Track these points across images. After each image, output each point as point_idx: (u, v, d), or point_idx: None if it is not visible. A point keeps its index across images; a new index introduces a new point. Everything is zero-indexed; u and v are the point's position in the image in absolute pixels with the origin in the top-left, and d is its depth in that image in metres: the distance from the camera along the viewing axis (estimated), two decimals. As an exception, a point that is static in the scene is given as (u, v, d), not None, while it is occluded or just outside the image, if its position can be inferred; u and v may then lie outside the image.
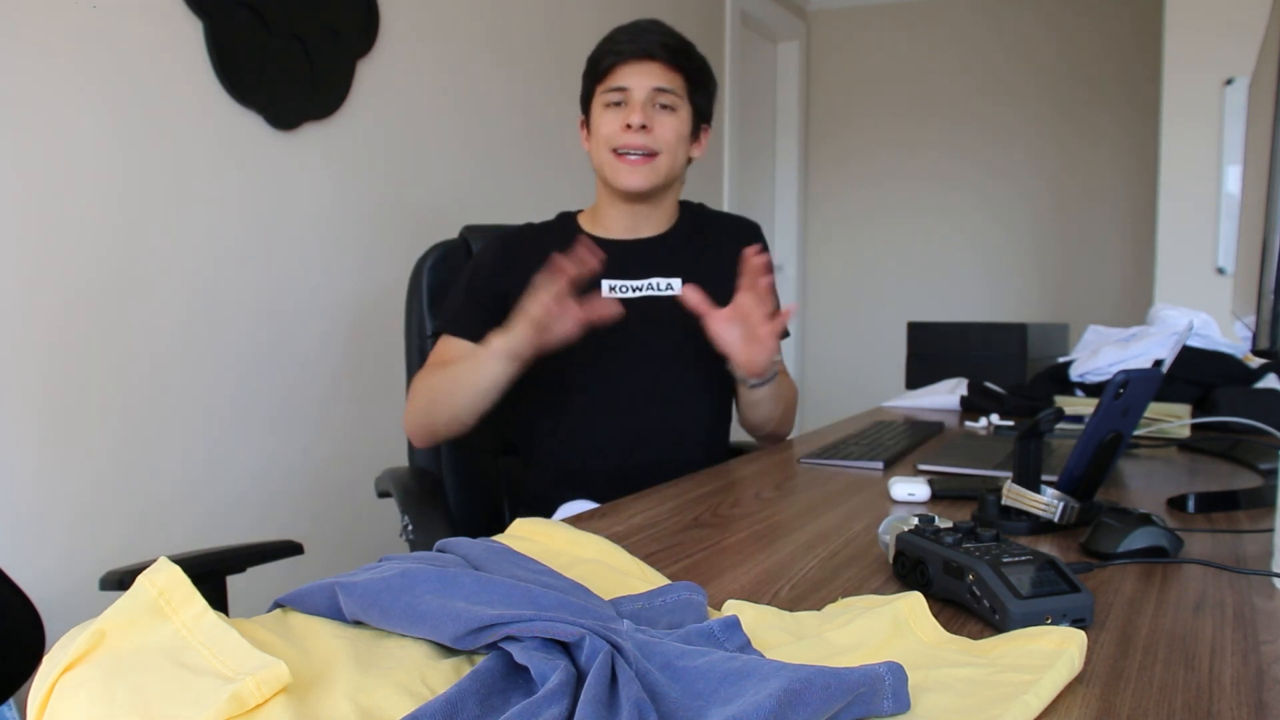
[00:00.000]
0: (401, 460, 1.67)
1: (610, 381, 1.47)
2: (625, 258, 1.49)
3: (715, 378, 1.54)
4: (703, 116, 1.52)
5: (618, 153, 1.44)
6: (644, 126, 1.42)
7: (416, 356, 1.62)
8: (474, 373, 1.35)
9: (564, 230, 1.54)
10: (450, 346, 1.46)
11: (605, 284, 1.47)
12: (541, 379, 1.47)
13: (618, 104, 1.45)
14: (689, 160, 1.52)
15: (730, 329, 1.34)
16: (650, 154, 1.44)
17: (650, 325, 1.47)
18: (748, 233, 1.60)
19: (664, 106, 1.45)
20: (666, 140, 1.45)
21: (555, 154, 2.93)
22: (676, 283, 1.50)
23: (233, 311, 1.96)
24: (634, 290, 1.49)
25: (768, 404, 1.47)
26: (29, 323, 1.62)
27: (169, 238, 1.83)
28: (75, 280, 1.68)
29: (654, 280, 1.50)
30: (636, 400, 1.47)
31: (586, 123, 1.52)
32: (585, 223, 1.56)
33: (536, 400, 1.50)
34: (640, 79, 1.43)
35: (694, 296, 1.34)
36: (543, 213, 1.66)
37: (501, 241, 1.53)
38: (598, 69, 1.47)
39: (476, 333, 1.42)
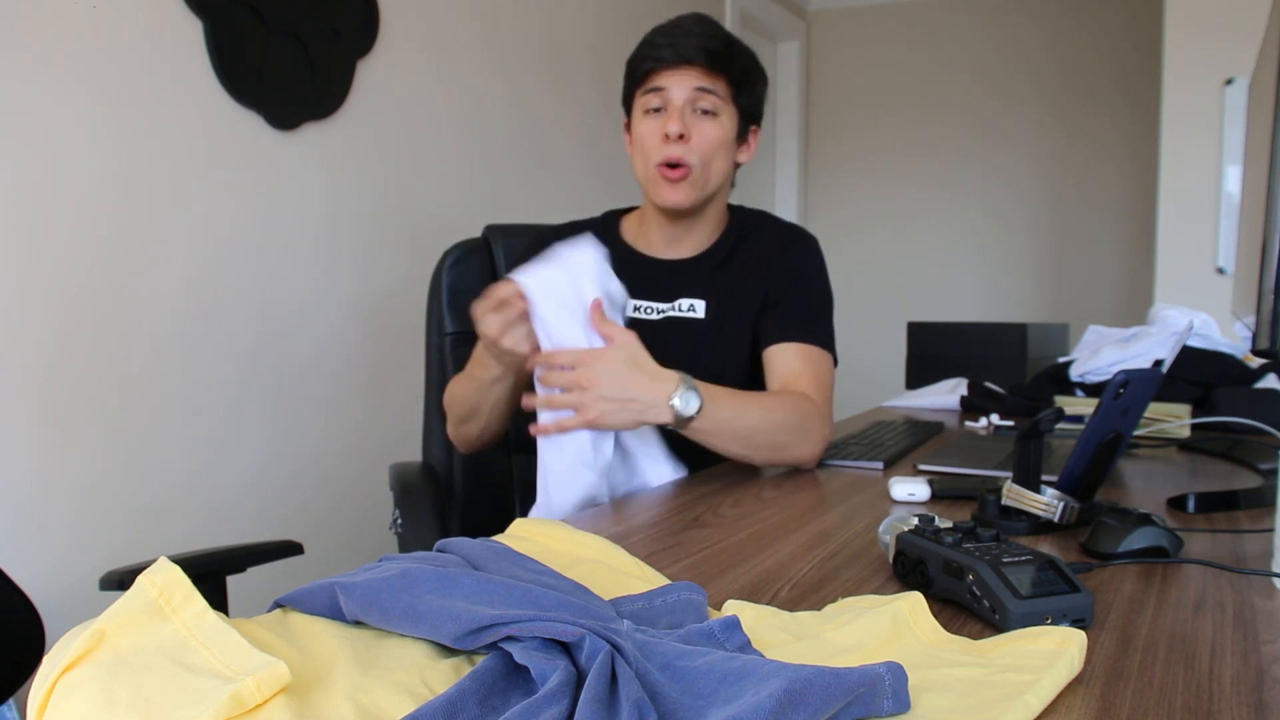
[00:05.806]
0: (406, 457, 1.67)
1: None
2: (658, 278, 1.46)
3: None
4: (750, 118, 1.43)
5: (657, 166, 1.38)
6: (681, 136, 1.35)
7: (436, 356, 1.62)
8: (477, 393, 1.34)
9: (605, 235, 1.46)
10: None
11: (630, 303, 1.42)
12: None
13: (657, 109, 1.38)
14: (736, 165, 1.45)
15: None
16: (688, 168, 1.37)
17: (673, 349, 1.40)
18: (792, 247, 1.48)
19: (705, 111, 1.36)
20: (704, 151, 1.37)
21: (554, 155, 2.93)
22: (700, 304, 1.45)
23: (233, 311, 1.96)
24: (659, 313, 1.45)
25: (712, 440, 1.23)
26: (28, 322, 1.62)
27: (168, 237, 1.83)
28: (74, 279, 1.68)
29: (679, 302, 1.45)
30: None
31: (629, 126, 1.45)
32: (629, 231, 1.50)
33: None
34: (678, 82, 1.36)
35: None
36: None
37: (538, 242, 1.47)
38: (636, 73, 1.40)
39: None
